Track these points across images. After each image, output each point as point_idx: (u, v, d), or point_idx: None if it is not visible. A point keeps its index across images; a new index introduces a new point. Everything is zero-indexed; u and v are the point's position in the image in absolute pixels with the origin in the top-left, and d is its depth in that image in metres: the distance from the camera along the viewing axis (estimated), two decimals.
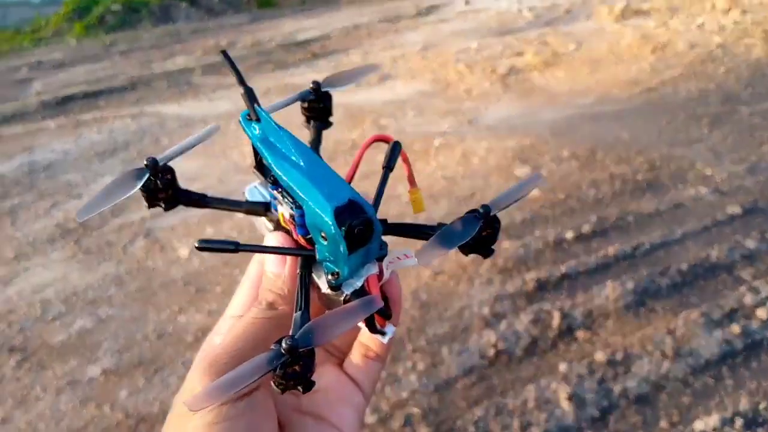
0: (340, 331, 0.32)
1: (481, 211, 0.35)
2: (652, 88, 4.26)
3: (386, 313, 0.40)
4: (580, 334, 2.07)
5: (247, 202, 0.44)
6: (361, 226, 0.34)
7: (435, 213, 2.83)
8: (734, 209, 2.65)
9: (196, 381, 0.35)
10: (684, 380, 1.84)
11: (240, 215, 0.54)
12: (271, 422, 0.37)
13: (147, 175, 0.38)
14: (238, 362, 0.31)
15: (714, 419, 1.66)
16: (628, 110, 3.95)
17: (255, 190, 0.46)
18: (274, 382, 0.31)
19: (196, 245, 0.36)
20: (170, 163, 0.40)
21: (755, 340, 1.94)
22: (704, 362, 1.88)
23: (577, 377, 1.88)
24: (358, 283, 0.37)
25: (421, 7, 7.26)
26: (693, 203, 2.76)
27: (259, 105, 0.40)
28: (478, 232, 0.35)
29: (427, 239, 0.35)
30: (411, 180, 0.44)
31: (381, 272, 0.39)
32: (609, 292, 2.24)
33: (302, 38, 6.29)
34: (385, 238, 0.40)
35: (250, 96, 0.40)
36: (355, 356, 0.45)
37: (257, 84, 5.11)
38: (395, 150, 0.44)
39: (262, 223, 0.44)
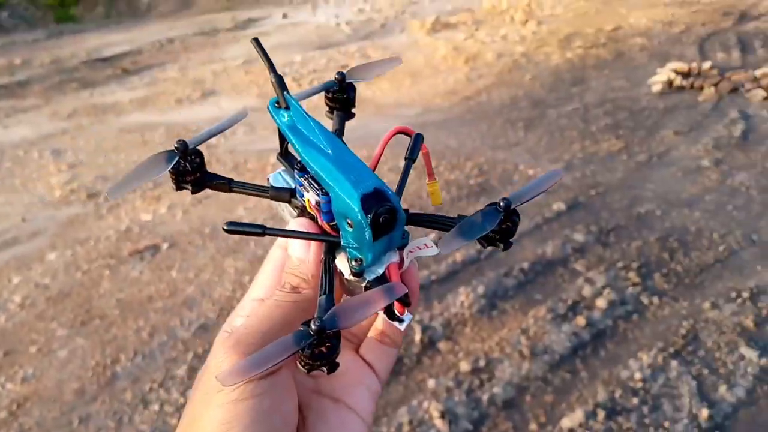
0: (365, 316, 0.32)
1: (502, 204, 0.35)
2: (469, 96, 4.51)
3: (406, 301, 0.40)
4: (443, 345, 2.07)
5: (273, 187, 0.44)
6: (386, 214, 0.35)
7: None
8: (559, 206, 2.85)
9: (222, 359, 0.34)
10: (544, 378, 1.90)
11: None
12: (292, 401, 0.37)
13: (177, 158, 0.38)
14: (264, 343, 0.32)
15: (578, 415, 1.74)
16: (451, 119, 4.13)
17: (279, 176, 0.45)
18: (300, 362, 0.31)
19: (225, 227, 0.35)
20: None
21: (599, 329, 2.08)
22: (559, 358, 1.97)
23: (446, 392, 1.87)
24: (380, 270, 0.37)
25: (239, 20, 7.03)
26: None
27: (288, 93, 0.40)
28: (498, 224, 0.35)
29: (447, 230, 0.36)
30: (430, 173, 0.45)
31: (401, 260, 0.39)
32: (463, 298, 2.27)
33: (110, 54, 5.74)
34: (406, 227, 0.40)
35: (281, 84, 0.40)
36: (371, 341, 0.46)
37: (60, 106, 4.54)
38: (417, 142, 0.44)
39: (286, 208, 0.44)
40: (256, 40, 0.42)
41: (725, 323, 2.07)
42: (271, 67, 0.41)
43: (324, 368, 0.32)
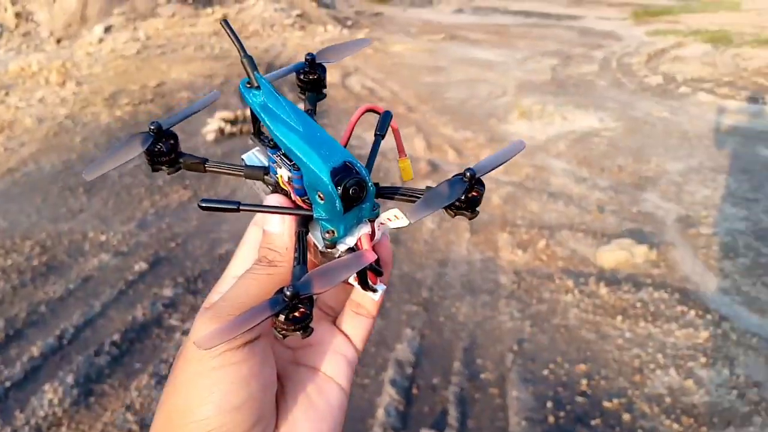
0: (337, 281, 0.33)
1: (468, 174, 0.37)
2: (14, 168, 3.97)
3: (378, 271, 0.42)
4: None
5: (247, 166, 0.44)
6: (355, 186, 0.36)
7: None
8: (141, 266, 2.75)
9: (201, 328, 0.36)
10: None
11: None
12: (270, 368, 0.38)
13: (151, 140, 0.40)
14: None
15: None
16: None
17: (252, 156, 0.46)
18: (275, 328, 0.32)
19: (200, 204, 0.37)
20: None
21: None
22: None
23: None
24: (352, 241, 0.39)
25: None
26: (100, 272, 2.72)
27: (259, 73, 0.41)
28: (464, 193, 0.36)
29: (414, 201, 0.38)
30: (400, 149, 0.45)
31: (373, 232, 0.40)
32: (51, 396, 1.97)
33: None
34: (377, 201, 0.41)
35: (251, 63, 0.41)
36: (348, 313, 0.47)
37: None
38: (386, 119, 0.44)
39: (260, 186, 0.44)
40: (225, 21, 0.42)
41: None
42: (241, 47, 0.41)
43: (299, 332, 0.32)
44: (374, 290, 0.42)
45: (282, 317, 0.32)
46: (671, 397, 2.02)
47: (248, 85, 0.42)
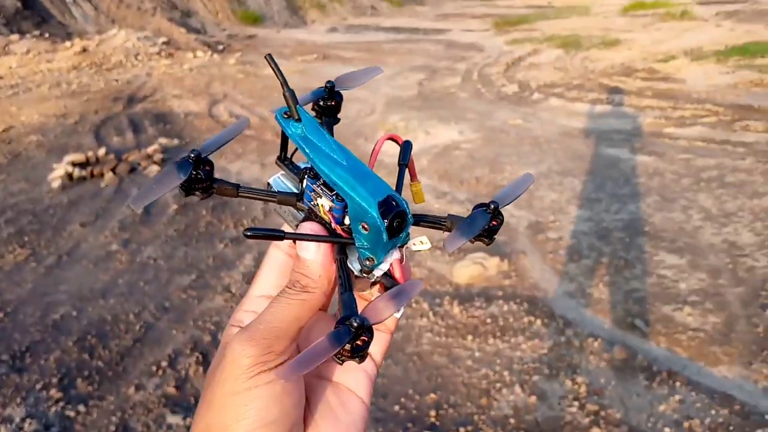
0: (395, 310, 0.36)
1: (492, 206, 0.40)
2: None
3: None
4: None
5: (279, 192, 0.46)
6: (399, 219, 0.39)
7: None
8: None
9: (239, 352, 0.38)
10: None
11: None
12: (300, 386, 0.41)
13: (191, 168, 0.41)
14: (276, 337, 0.38)
15: None
16: None
17: (278, 180, 0.47)
18: (336, 356, 0.34)
19: (245, 233, 0.39)
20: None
21: None
22: None
23: None
24: (386, 266, 0.41)
25: None
26: None
27: (300, 106, 0.43)
28: (488, 222, 0.40)
29: (439, 228, 0.43)
30: (413, 174, 0.48)
31: (402, 256, 0.42)
32: None
33: None
34: None
35: (293, 97, 0.43)
36: None
37: None
38: (407, 148, 0.47)
39: (288, 211, 0.46)
40: (269, 56, 0.44)
41: (151, 400, 2.17)
42: (284, 81, 0.43)
43: (357, 359, 0.35)
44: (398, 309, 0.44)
45: (348, 346, 0.34)
46: (516, 417, 2.05)
47: (285, 116, 0.44)
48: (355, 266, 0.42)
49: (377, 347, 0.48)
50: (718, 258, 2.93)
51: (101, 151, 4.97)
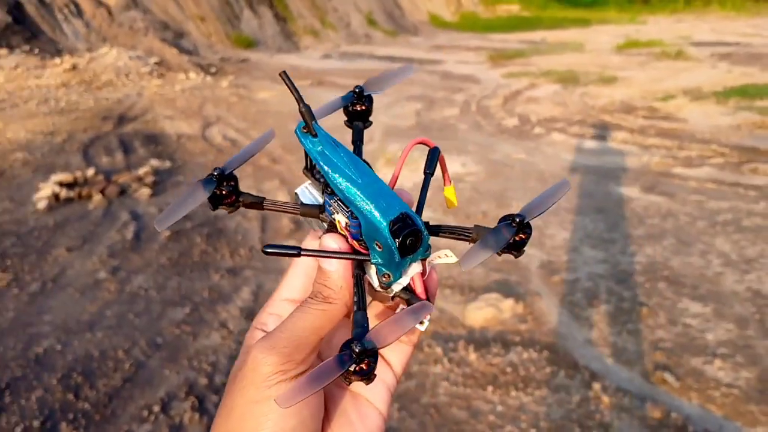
0: (402, 332, 0.36)
1: (517, 219, 0.40)
2: None
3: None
4: None
5: (303, 204, 0.46)
6: (412, 237, 0.39)
7: None
8: None
9: (259, 357, 0.38)
10: None
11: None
12: (319, 396, 0.41)
13: (215, 185, 0.42)
14: (296, 347, 0.38)
15: None
16: None
17: (305, 190, 0.47)
18: (342, 377, 0.35)
19: (264, 250, 0.40)
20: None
21: None
22: None
23: None
24: (405, 281, 0.41)
25: None
26: None
27: (316, 122, 0.43)
28: (513, 236, 0.40)
29: (464, 239, 0.43)
30: (446, 179, 0.47)
31: (424, 270, 0.42)
32: None
33: None
34: None
35: (310, 113, 0.42)
36: None
37: None
38: (435, 155, 0.46)
39: (314, 221, 0.47)
40: (284, 73, 0.43)
41: None
42: (299, 97, 0.42)
43: (363, 381, 0.35)
44: (421, 322, 0.41)
45: (350, 370, 0.34)
46: None
47: (305, 130, 0.43)
48: (374, 281, 0.42)
49: (398, 358, 0.47)
50: (744, 307, 2.79)
51: (90, 171, 4.76)
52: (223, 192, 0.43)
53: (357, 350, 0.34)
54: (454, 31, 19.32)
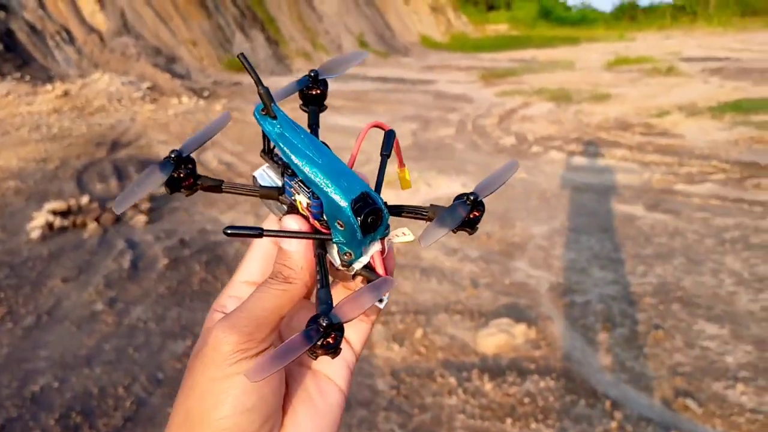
0: (366, 306, 0.37)
1: (471, 198, 0.41)
2: None
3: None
4: None
5: (262, 187, 0.46)
6: (373, 215, 0.40)
7: None
8: None
9: (220, 336, 0.38)
10: None
11: None
12: (279, 374, 0.41)
13: (172, 168, 0.41)
14: (257, 326, 0.38)
15: None
16: None
17: (263, 173, 0.47)
18: (309, 352, 0.35)
19: (225, 231, 0.39)
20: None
21: None
22: None
23: None
24: (366, 260, 0.42)
25: None
26: None
27: (275, 104, 0.43)
28: (468, 214, 0.41)
29: (420, 218, 0.43)
30: (400, 160, 0.49)
31: (383, 249, 0.43)
32: None
33: None
34: None
35: (268, 94, 0.42)
36: None
37: None
38: (390, 138, 0.48)
39: (273, 204, 0.47)
40: (242, 55, 0.43)
41: None
42: (258, 80, 0.42)
43: (330, 355, 0.36)
44: (380, 300, 0.42)
45: (318, 344, 0.35)
46: None
47: (263, 112, 0.43)
48: (336, 259, 0.42)
49: (357, 336, 0.48)
50: (761, 328, 2.73)
51: (84, 199, 4.67)
52: (181, 175, 0.42)
53: (324, 324, 0.35)
54: (444, 51, 19.47)
